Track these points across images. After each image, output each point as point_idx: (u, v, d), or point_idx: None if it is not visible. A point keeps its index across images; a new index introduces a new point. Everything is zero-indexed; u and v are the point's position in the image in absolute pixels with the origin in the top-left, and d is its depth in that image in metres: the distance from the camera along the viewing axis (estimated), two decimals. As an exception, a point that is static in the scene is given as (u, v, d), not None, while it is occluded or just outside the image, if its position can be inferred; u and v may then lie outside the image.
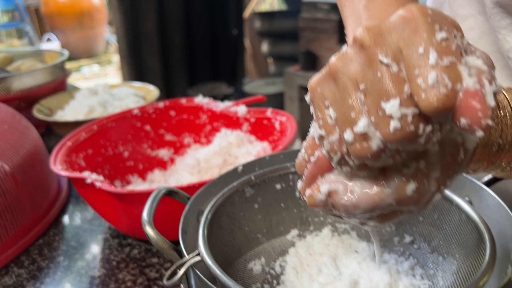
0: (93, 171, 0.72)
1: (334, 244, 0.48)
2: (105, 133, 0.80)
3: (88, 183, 0.60)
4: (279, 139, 0.77)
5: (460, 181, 0.47)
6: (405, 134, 0.24)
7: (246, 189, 0.48)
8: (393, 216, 0.30)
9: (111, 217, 0.65)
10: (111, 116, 0.82)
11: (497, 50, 0.49)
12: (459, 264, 0.41)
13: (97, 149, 0.78)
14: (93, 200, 0.65)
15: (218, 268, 0.34)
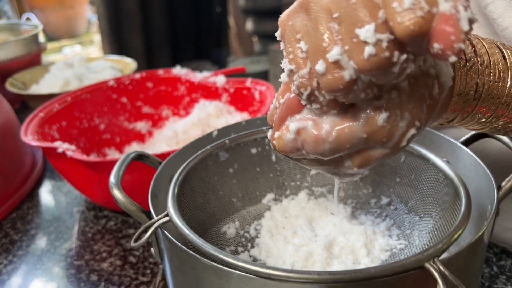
0: (68, 144, 0.70)
1: (310, 207, 0.47)
2: (79, 104, 0.77)
3: (59, 152, 0.58)
4: (258, 109, 0.76)
5: (438, 141, 0.46)
6: (379, 60, 0.23)
7: (220, 153, 0.47)
8: (365, 158, 0.28)
9: (85, 188, 0.64)
10: (86, 87, 0.79)
11: None
12: (435, 223, 0.40)
13: (72, 121, 0.75)
14: (66, 171, 0.63)
15: (186, 227, 0.33)
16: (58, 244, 0.60)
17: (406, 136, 0.27)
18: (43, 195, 0.73)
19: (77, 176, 0.62)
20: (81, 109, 0.77)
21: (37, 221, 0.66)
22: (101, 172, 0.58)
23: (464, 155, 0.43)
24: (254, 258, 0.43)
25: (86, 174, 0.60)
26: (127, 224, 0.64)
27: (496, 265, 0.52)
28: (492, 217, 0.35)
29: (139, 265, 0.56)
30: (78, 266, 0.56)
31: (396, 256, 0.41)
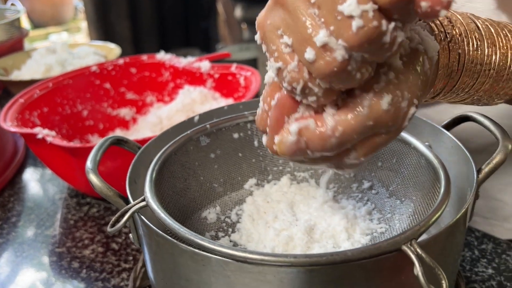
0: (49, 130, 0.69)
1: (292, 191, 0.47)
2: (61, 90, 0.76)
3: (40, 138, 0.57)
4: (243, 95, 0.75)
5: (420, 126, 0.46)
6: (368, 31, 0.22)
7: (201, 137, 0.46)
8: (371, 145, 0.27)
9: (66, 174, 0.63)
10: (68, 73, 0.78)
11: None
12: (416, 206, 0.40)
13: (53, 107, 0.74)
14: (47, 158, 0.62)
15: (163, 212, 0.32)
16: (40, 232, 0.60)
17: (408, 115, 0.27)
18: (25, 182, 0.72)
19: (58, 162, 0.61)
20: (63, 95, 0.76)
21: (18, 208, 0.65)
22: (82, 158, 0.57)
23: (446, 139, 0.43)
24: (234, 243, 0.42)
25: (67, 160, 0.59)
26: (110, 211, 0.63)
27: (477, 249, 0.53)
28: (471, 200, 0.35)
29: (121, 251, 0.55)
30: (59, 253, 0.56)
31: (376, 239, 0.41)
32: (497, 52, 0.34)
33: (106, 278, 0.51)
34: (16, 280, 0.51)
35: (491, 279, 0.48)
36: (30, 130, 0.59)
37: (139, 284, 0.46)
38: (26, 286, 0.51)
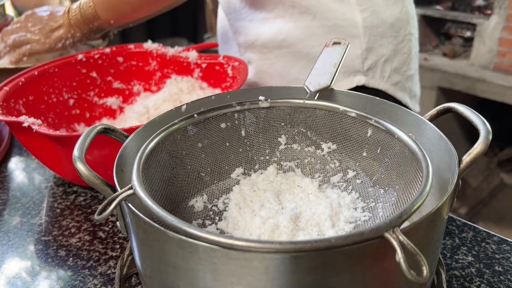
0: (35, 119, 0.69)
1: (278, 181, 0.48)
2: (47, 79, 0.75)
3: (25, 127, 0.57)
4: (231, 85, 0.75)
5: (404, 117, 0.47)
6: None
7: (188, 127, 0.46)
8: None
9: (52, 163, 0.62)
10: (54, 61, 0.77)
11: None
12: (399, 195, 0.41)
13: (39, 96, 0.73)
14: (33, 146, 0.62)
15: (150, 199, 0.32)
16: (25, 220, 0.60)
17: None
18: (10, 171, 0.72)
19: (44, 151, 0.61)
20: (49, 83, 0.75)
21: (4, 197, 0.65)
22: (68, 146, 0.57)
23: (429, 130, 0.44)
24: (221, 231, 0.43)
25: (53, 149, 0.58)
26: (97, 200, 0.63)
27: (458, 237, 0.54)
28: (452, 189, 0.35)
29: (108, 240, 0.55)
30: (46, 241, 0.56)
31: (360, 228, 0.42)
32: None
33: (93, 266, 0.51)
34: (2, 269, 0.51)
35: (471, 266, 0.49)
36: (15, 119, 0.58)
37: (126, 271, 0.46)
38: (11, 275, 0.51)
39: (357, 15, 0.74)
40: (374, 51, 0.76)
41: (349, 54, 0.73)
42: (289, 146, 0.50)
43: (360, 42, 0.75)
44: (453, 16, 2.35)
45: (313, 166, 0.49)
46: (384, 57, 0.77)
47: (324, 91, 0.50)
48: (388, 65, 0.78)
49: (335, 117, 0.47)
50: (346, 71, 0.77)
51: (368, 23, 0.75)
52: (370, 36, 0.75)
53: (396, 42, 0.78)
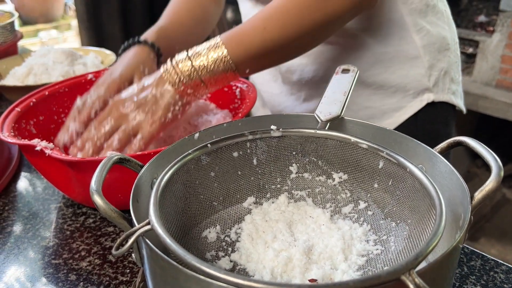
0: (45, 139, 0.69)
1: (290, 210, 0.48)
2: (57, 99, 0.76)
3: (38, 150, 0.57)
4: (239, 107, 0.76)
5: (415, 148, 0.47)
6: None
7: (202, 157, 0.47)
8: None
9: (63, 185, 0.63)
10: (64, 81, 0.78)
11: None
12: (411, 230, 0.42)
13: (49, 116, 0.74)
14: (44, 169, 0.63)
15: (168, 237, 0.33)
16: (35, 242, 0.60)
17: None
18: (20, 191, 0.72)
19: (55, 173, 0.62)
20: (59, 103, 0.76)
21: (13, 217, 0.65)
22: (79, 170, 0.57)
23: (440, 163, 0.44)
24: (234, 263, 0.43)
25: (64, 172, 0.59)
26: (106, 222, 0.64)
27: (466, 266, 0.54)
28: (466, 227, 0.36)
29: (118, 264, 0.56)
30: (56, 265, 0.56)
31: (372, 261, 0.42)
32: None
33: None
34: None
35: (480, 297, 0.50)
36: (28, 142, 0.59)
37: (138, 299, 0.47)
38: (23, 299, 0.51)
39: (415, 36, 0.76)
40: (435, 67, 0.78)
41: (414, 75, 0.77)
42: (300, 175, 0.51)
43: (422, 62, 0.77)
44: (455, 32, 2.36)
45: (324, 196, 0.50)
46: (444, 70, 0.79)
47: (335, 120, 0.51)
48: (447, 77, 0.81)
49: (346, 148, 0.48)
50: (415, 91, 0.78)
51: (426, 42, 0.77)
52: (429, 54, 0.77)
53: (449, 53, 0.80)
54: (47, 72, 0.93)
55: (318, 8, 0.60)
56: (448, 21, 0.82)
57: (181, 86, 0.62)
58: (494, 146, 0.42)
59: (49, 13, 4.78)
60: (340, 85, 0.56)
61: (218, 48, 0.61)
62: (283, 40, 0.61)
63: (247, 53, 0.61)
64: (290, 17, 0.61)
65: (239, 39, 0.61)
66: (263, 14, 0.62)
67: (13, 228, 0.63)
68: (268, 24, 0.61)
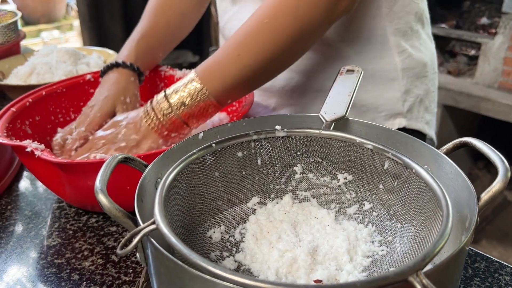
0: (41, 139, 0.68)
1: (294, 211, 0.48)
2: (54, 99, 0.75)
3: (28, 151, 0.56)
4: (236, 109, 0.75)
5: (420, 149, 0.47)
6: None
7: (206, 156, 0.47)
8: None
9: (54, 187, 0.62)
10: (61, 81, 0.77)
11: None
12: (417, 231, 0.42)
13: (46, 116, 0.73)
14: (35, 170, 0.62)
15: (174, 237, 0.33)
16: (38, 242, 0.60)
17: None
18: (22, 190, 0.72)
19: (46, 175, 0.61)
20: (56, 103, 0.75)
21: (16, 217, 0.65)
22: (70, 173, 0.57)
23: (445, 164, 0.44)
24: (239, 263, 0.43)
25: (55, 173, 0.58)
26: (109, 221, 0.64)
27: (471, 268, 0.54)
28: (473, 228, 0.36)
29: (121, 264, 0.56)
30: (59, 264, 0.56)
31: (377, 262, 0.42)
32: None
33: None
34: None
35: (485, 299, 0.49)
36: (19, 143, 0.57)
37: (141, 299, 0.47)
38: (26, 298, 0.51)
39: (396, 58, 0.74)
40: (411, 92, 0.76)
41: (389, 97, 0.75)
42: (304, 176, 0.51)
43: (399, 85, 0.75)
44: (457, 35, 2.36)
45: (329, 197, 0.50)
46: (419, 97, 0.78)
47: (339, 120, 0.51)
48: (422, 105, 0.79)
49: (351, 148, 0.48)
50: (387, 114, 0.76)
51: (406, 65, 0.75)
52: (408, 78, 0.75)
53: (427, 81, 0.79)
54: (50, 72, 0.93)
55: (291, 23, 0.57)
56: (429, 47, 0.81)
57: (163, 130, 0.62)
58: (496, 148, 0.41)
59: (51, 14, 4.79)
60: (345, 85, 0.56)
61: (193, 82, 0.60)
62: (260, 63, 0.59)
63: (224, 85, 0.59)
64: (263, 39, 0.58)
65: (214, 71, 0.60)
66: (235, 40, 0.60)
67: (15, 227, 0.63)
68: (242, 51, 0.58)
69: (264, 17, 0.58)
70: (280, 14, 0.57)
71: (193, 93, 0.59)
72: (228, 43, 0.60)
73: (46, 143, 0.69)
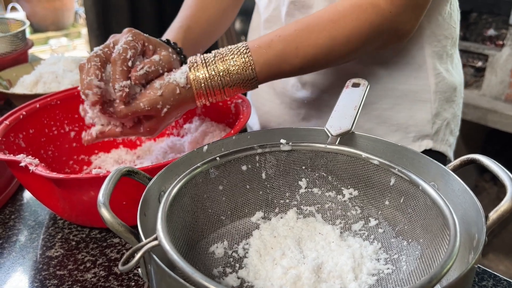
0: (34, 152, 0.68)
1: (299, 227, 0.47)
2: (48, 111, 0.74)
3: (22, 166, 0.55)
4: (233, 121, 0.75)
5: (427, 166, 0.46)
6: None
7: (210, 170, 0.46)
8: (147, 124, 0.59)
9: (48, 201, 0.61)
10: (56, 93, 0.76)
11: None
12: (423, 249, 0.41)
13: (40, 129, 0.72)
14: (29, 184, 0.61)
15: (176, 254, 0.32)
16: (41, 252, 0.59)
17: (162, 111, 0.57)
18: (26, 199, 0.72)
19: (40, 190, 0.60)
20: (51, 116, 0.74)
21: (20, 227, 0.65)
22: (64, 188, 0.56)
23: (453, 181, 0.44)
24: (242, 280, 0.43)
25: (49, 188, 0.57)
26: (112, 233, 0.63)
27: (478, 286, 0.53)
28: (481, 248, 0.35)
29: (123, 276, 0.55)
30: (61, 276, 0.55)
31: (383, 281, 0.41)
32: None
33: (108, 305, 0.51)
34: (17, 304, 0.51)
35: (493, 319, 0.48)
36: (12, 157, 0.57)
37: (143, 314, 0.46)
38: (27, 310, 0.50)
39: (431, 80, 0.74)
40: (440, 116, 0.77)
41: (420, 119, 0.75)
42: (309, 190, 0.50)
43: (431, 107, 0.75)
44: (464, 46, 2.35)
45: (333, 212, 0.49)
46: (446, 121, 0.78)
47: (345, 135, 0.50)
48: (448, 128, 0.79)
49: (357, 163, 0.47)
50: (416, 135, 0.77)
51: (439, 88, 0.75)
52: (439, 101, 0.75)
53: (454, 105, 0.79)
54: (57, 81, 0.94)
55: (354, 31, 0.59)
56: (460, 72, 0.81)
57: (205, 91, 0.58)
58: (503, 161, 0.41)
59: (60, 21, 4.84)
60: (351, 99, 0.56)
61: (244, 57, 0.57)
62: (311, 62, 0.60)
63: (272, 69, 0.59)
64: (322, 39, 0.59)
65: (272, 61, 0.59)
66: (297, 31, 0.59)
67: (18, 237, 0.63)
68: (301, 44, 0.59)
69: (331, 18, 0.59)
70: (348, 19, 0.59)
71: (242, 64, 0.57)
72: (288, 31, 0.60)
73: (39, 157, 0.68)
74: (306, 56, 0.59)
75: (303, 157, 0.49)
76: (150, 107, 0.56)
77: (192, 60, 0.58)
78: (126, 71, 0.57)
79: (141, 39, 0.61)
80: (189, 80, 0.57)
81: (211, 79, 0.57)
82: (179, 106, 0.59)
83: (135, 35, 0.61)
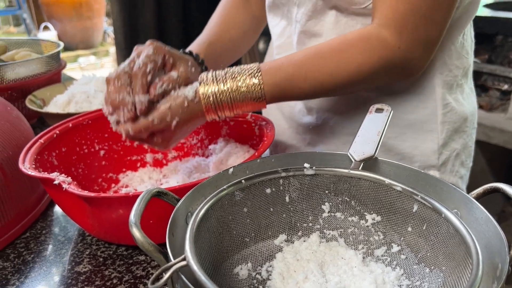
0: (66, 170, 0.70)
1: (322, 251, 0.48)
2: (80, 130, 0.77)
3: (56, 184, 0.58)
4: (257, 143, 0.77)
5: (450, 193, 0.47)
6: None
7: (236, 192, 0.48)
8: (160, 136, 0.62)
9: (80, 219, 0.64)
10: (88, 113, 0.79)
11: None
12: (445, 277, 0.41)
13: (71, 147, 0.76)
14: (61, 202, 0.63)
15: (204, 275, 0.33)
16: (70, 267, 0.61)
17: (172, 124, 0.60)
18: (57, 215, 0.75)
19: (72, 207, 0.62)
20: (82, 135, 0.78)
21: (49, 242, 0.67)
22: (95, 206, 0.58)
23: (476, 209, 0.44)
24: (265, 302, 0.43)
25: (81, 206, 0.60)
26: (138, 250, 0.65)
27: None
28: (504, 278, 0.35)
29: (148, 294, 0.56)
30: (88, 292, 0.57)
31: (405, 307, 0.42)
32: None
33: (134, 322, 0.52)
34: (47, 318, 0.53)
35: None
36: (47, 175, 0.59)
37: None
38: (56, 324, 0.52)
39: (439, 110, 0.73)
40: (448, 146, 0.75)
41: (425, 149, 0.74)
42: (332, 214, 0.51)
43: (437, 138, 0.74)
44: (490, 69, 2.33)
45: (356, 237, 0.50)
46: (456, 152, 0.76)
47: (368, 160, 0.51)
48: (458, 160, 0.77)
49: (380, 189, 0.48)
50: (420, 165, 0.76)
51: (447, 119, 0.74)
52: (447, 132, 0.74)
53: (465, 136, 0.77)
54: (88, 101, 0.97)
55: (365, 62, 0.60)
56: (472, 101, 0.79)
57: (214, 105, 0.60)
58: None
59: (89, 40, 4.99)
60: (374, 124, 0.57)
61: (255, 77, 0.60)
62: (319, 89, 0.62)
63: (280, 91, 0.62)
64: (332, 68, 0.61)
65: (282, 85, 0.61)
66: (307, 58, 0.62)
67: (48, 252, 0.65)
68: (309, 70, 0.61)
69: (340, 48, 0.61)
70: (360, 49, 0.60)
71: (252, 85, 0.60)
72: (298, 57, 0.62)
73: (70, 174, 0.71)
74: (314, 81, 0.61)
75: (326, 181, 0.50)
76: (160, 120, 0.60)
77: (203, 76, 0.61)
78: (145, 85, 0.61)
79: (162, 52, 0.64)
80: (198, 94, 0.60)
81: (220, 94, 0.60)
82: (189, 120, 0.61)
83: (156, 49, 0.64)
